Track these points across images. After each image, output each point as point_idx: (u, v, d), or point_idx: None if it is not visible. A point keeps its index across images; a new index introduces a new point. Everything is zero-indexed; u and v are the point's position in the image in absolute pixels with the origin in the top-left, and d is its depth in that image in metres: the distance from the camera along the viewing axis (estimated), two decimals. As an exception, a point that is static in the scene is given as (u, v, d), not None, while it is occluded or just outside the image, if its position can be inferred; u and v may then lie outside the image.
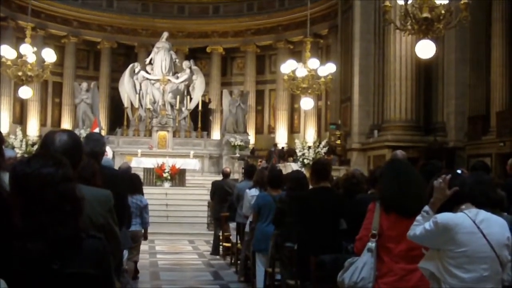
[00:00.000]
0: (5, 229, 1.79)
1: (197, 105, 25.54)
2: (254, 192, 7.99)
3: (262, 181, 7.83)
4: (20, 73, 15.43)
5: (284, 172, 10.98)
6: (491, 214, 3.09)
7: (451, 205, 3.07)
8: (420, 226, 3.09)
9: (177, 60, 26.49)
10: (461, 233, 2.93)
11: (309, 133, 26.61)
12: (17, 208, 1.84)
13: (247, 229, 8.35)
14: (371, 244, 3.70)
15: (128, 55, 29.92)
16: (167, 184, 20.00)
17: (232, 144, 24.29)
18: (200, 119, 25.41)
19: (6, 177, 1.98)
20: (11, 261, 1.80)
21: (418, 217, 3.17)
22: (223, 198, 11.61)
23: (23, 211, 1.85)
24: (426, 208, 3.16)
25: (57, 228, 1.84)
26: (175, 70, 26.30)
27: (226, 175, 12.43)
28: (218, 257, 11.65)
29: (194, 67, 26.72)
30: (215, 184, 12.44)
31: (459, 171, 5.85)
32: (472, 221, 2.96)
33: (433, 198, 3.13)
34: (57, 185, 1.88)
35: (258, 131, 29.53)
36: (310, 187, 6.01)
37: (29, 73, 15.48)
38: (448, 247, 2.95)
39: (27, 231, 1.83)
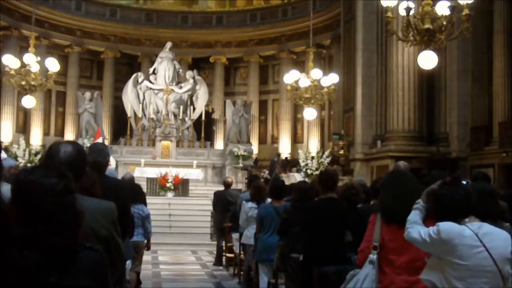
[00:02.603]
0: (2, 239, 1.81)
1: (201, 115, 25.59)
2: (252, 204, 8.01)
3: (259, 196, 7.85)
4: (23, 83, 15.50)
5: (287, 182, 11.00)
6: (494, 227, 3.07)
7: (455, 218, 3.06)
8: (419, 229, 3.10)
9: (180, 70, 26.57)
10: (462, 245, 2.93)
11: (312, 143, 26.61)
12: (16, 215, 1.86)
13: (243, 240, 8.39)
14: (373, 256, 3.69)
15: (131, 64, 30.02)
16: (170, 194, 20.01)
17: (235, 154, 24.30)
18: (203, 129, 25.44)
19: (5, 187, 2.00)
20: (7, 270, 1.81)
21: (411, 216, 3.19)
22: (225, 208, 11.62)
23: (21, 218, 1.86)
24: (418, 200, 3.21)
25: (52, 237, 1.85)
26: (178, 80, 26.38)
27: (227, 185, 12.43)
28: (221, 267, 11.63)
29: (197, 77, 26.79)
30: (217, 194, 12.46)
31: (464, 182, 5.85)
32: (474, 234, 2.96)
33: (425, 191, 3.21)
34: (57, 196, 1.89)
35: (262, 141, 29.54)
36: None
37: (32, 83, 15.55)
38: (449, 258, 2.95)
39: (23, 239, 1.84)
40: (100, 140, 18.66)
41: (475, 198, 3.16)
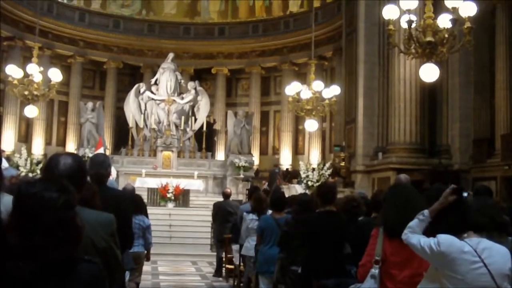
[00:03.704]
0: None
1: (202, 126, 25.60)
2: (253, 216, 8.00)
3: (260, 208, 7.84)
4: (26, 92, 15.55)
5: (288, 194, 10.97)
6: (493, 243, 3.04)
7: (454, 233, 3.04)
8: (420, 237, 3.07)
9: (182, 81, 26.62)
10: (461, 259, 2.90)
11: (314, 155, 26.60)
12: (16, 227, 1.85)
13: (243, 252, 8.37)
14: (375, 271, 3.66)
15: (133, 75, 30.10)
16: (170, 205, 19.96)
17: (237, 165, 24.26)
18: (205, 140, 25.44)
19: (6, 198, 1.99)
20: (3, 281, 1.80)
21: (412, 223, 3.15)
22: (225, 219, 11.58)
23: (21, 230, 1.85)
24: (425, 212, 3.16)
25: (50, 251, 1.84)
26: (180, 90, 26.42)
27: (226, 196, 12.40)
28: (221, 279, 11.58)
29: (199, 88, 26.83)
30: (216, 205, 12.41)
31: (465, 194, 5.82)
32: (473, 250, 2.93)
33: (436, 203, 3.14)
34: (57, 211, 1.88)
35: (263, 152, 29.54)
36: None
37: (35, 92, 15.60)
38: (446, 271, 2.93)
39: (21, 251, 1.83)
40: (101, 150, 18.64)
41: (475, 213, 3.14)
